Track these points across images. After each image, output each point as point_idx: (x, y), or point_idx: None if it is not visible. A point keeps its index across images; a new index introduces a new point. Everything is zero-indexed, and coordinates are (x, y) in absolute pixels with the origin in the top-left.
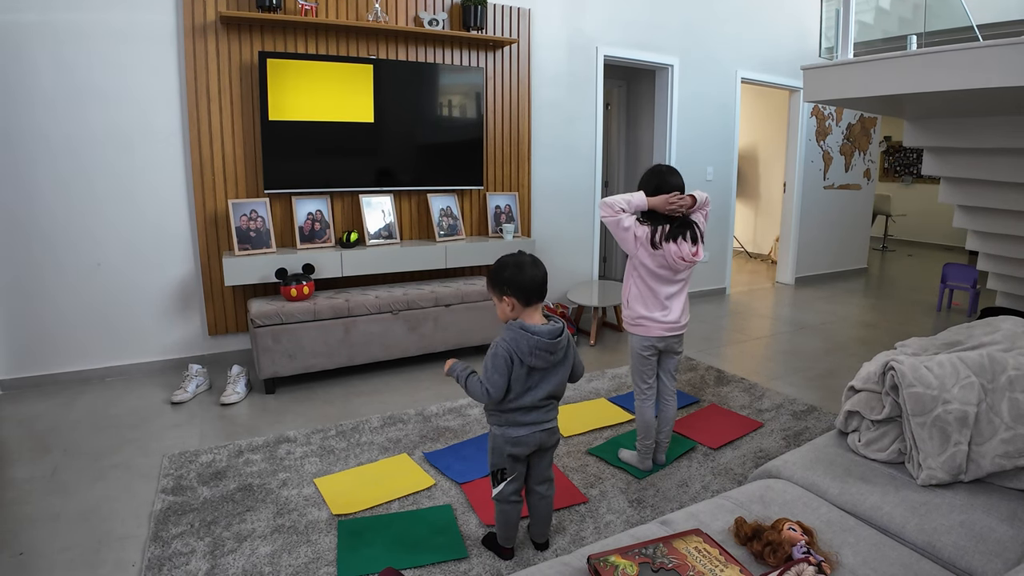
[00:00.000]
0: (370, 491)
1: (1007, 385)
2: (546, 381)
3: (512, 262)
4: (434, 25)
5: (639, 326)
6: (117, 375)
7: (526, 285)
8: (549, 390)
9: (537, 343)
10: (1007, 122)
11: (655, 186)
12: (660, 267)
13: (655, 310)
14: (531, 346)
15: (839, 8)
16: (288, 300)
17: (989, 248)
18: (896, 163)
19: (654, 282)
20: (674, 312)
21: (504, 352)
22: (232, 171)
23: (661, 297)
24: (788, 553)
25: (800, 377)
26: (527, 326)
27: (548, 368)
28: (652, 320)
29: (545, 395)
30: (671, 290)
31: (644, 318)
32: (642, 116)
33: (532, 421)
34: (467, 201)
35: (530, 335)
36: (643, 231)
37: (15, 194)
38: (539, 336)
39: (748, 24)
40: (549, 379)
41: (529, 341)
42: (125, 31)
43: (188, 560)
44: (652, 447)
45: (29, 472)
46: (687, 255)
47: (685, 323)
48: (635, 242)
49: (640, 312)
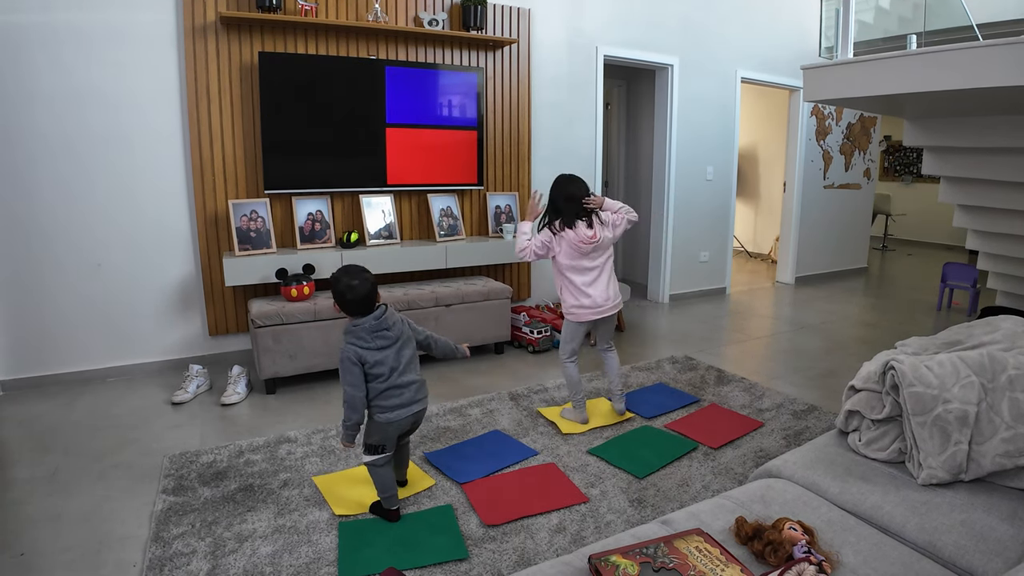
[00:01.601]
0: (371, 492)
1: (1007, 384)
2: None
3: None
4: (434, 25)
5: (572, 314)
6: (118, 375)
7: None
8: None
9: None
10: (1007, 122)
11: (566, 195)
12: (570, 258)
13: (581, 298)
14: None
15: (839, 8)
16: (288, 300)
17: (989, 247)
18: (896, 162)
19: (572, 274)
20: (596, 297)
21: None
22: (232, 171)
23: (580, 285)
24: (789, 552)
25: (800, 377)
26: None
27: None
28: (581, 307)
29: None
30: (587, 278)
31: (574, 307)
32: (642, 116)
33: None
34: (467, 201)
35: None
36: (546, 236)
37: (15, 194)
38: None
39: (748, 24)
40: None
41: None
42: (125, 31)
43: (189, 560)
44: (584, 400)
45: (30, 472)
46: (584, 237)
47: (614, 304)
48: (549, 251)
49: (570, 302)
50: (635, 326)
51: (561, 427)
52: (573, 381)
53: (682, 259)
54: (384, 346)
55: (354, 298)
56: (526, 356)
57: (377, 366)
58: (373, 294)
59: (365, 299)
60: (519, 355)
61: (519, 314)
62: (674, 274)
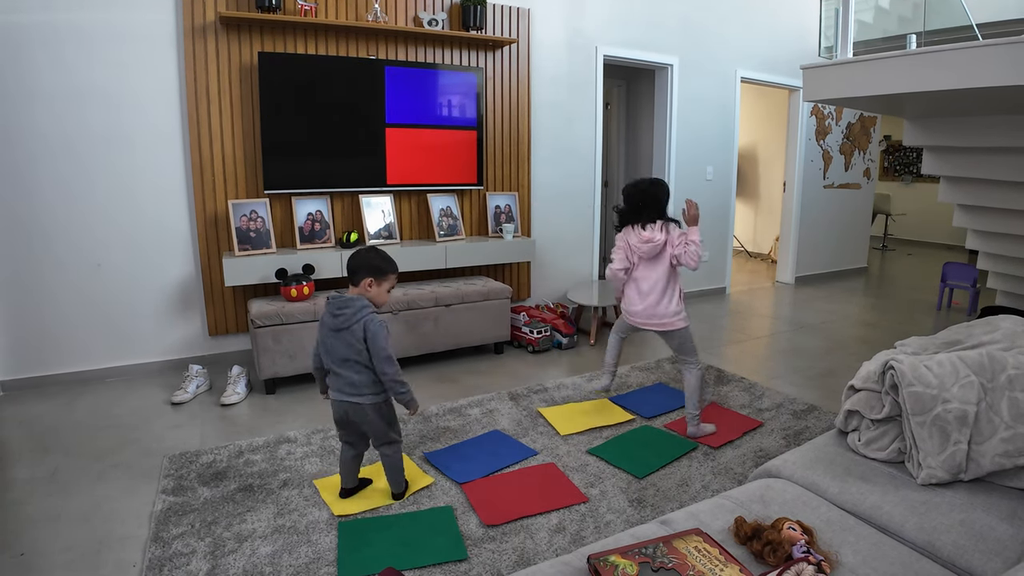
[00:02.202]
0: (370, 492)
1: (1007, 384)
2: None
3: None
4: (434, 25)
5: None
6: (117, 376)
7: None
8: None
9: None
10: (1007, 121)
11: (667, 199)
12: (633, 262)
13: (627, 297)
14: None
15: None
16: (288, 300)
17: (989, 247)
18: (896, 162)
19: (634, 273)
20: (635, 304)
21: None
22: (232, 171)
23: (631, 288)
24: (788, 552)
25: (800, 376)
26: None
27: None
28: (626, 311)
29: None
30: (641, 286)
31: (624, 311)
32: (642, 116)
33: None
34: (467, 201)
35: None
36: (623, 243)
37: (16, 194)
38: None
39: (748, 23)
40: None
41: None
42: (125, 31)
43: (189, 560)
44: (609, 371)
45: (30, 473)
46: (643, 236)
47: (651, 322)
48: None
49: (623, 305)
50: None
51: (560, 428)
52: (607, 348)
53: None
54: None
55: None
56: (526, 356)
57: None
58: (357, 270)
59: (349, 269)
60: (519, 355)
61: (519, 314)
62: None
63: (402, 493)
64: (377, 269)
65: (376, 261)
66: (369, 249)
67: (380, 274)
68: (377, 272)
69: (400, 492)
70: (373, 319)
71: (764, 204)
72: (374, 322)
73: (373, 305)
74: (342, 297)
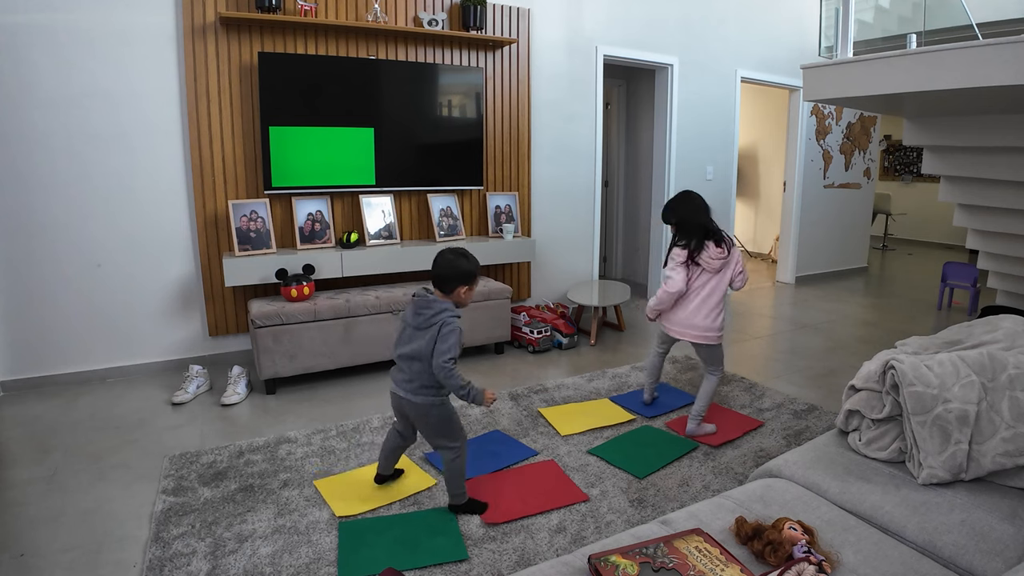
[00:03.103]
0: (371, 492)
1: (1007, 384)
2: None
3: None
4: (434, 25)
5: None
6: (118, 376)
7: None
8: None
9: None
10: (1007, 121)
11: (697, 211)
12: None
13: (675, 315)
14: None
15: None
16: (288, 301)
17: (989, 247)
18: (896, 162)
19: (691, 286)
20: (686, 314)
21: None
22: (232, 171)
23: (690, 303)
24: (789, 552)
25: (800, 376)
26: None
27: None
28: (671, 323)
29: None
30: (696, 300)
31: (669, 323)
32: (642, 116)
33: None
34: (467, 201)
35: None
36: (684, 258)
37: (16, 194)
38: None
39: (748, 23)
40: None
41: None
42: (125, 32)
43: (189, 561)
44: (651, 384)
45: (30, 473)
46: (715, 253)
47: (698, 331)
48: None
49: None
50: (635, 326)
51: (560, 428)
52: (646, 366)
53: None
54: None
55: (435, 270)
56: (526, 356)
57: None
58: (449, 279)
59: (439, 278)
60: (519, 355)
61: (519, 314)
62: None
63: (459, 507)
64: (470, 275)
65: (467, 267)
66: (456, 255)
67: (472, 279)
68: (470, 278)
69: (457, 505)
70: (451, 322)
71: (764, 204)
72: (449, 325)
73: (455, 307)
74: (426, 298)
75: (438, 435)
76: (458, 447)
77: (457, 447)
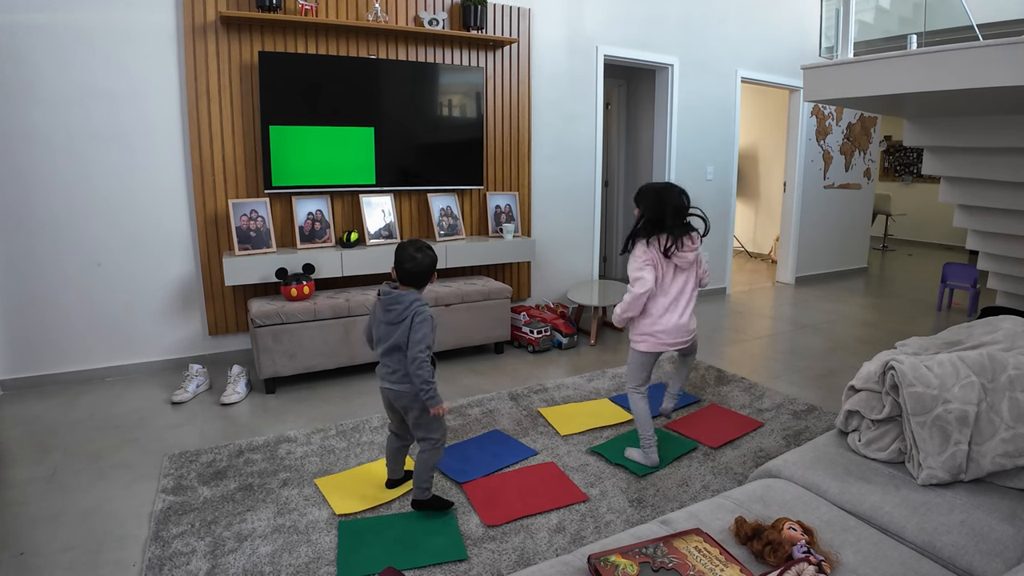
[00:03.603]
0: (371, 491)
1: (1007, 384)
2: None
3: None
4: (434, 25)
5: (642, 341)
6: (117, 375)
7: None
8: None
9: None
10: (1007, 122)
11: (675, 206)
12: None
13: (658, 323)
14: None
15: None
16: (288, 300)
17: (989, 247)
18: (896, 162)
19: (656, 295)
20: (674, 318)
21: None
22: (232, 171)
23: (669, 306)
24: (788, 552)
25: (800, 376)
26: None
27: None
28: (655, 333)
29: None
30: (673, 300)
31: (644, 334)
32: (642, 116)
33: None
34: (467, 201)
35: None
36: (651, 256)
37: (16, 193)
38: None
39: (748, 23)
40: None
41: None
42: (125, 31)
43: (189, 560)
44: (654, 440)
45: (30, 472)
46: (688, 246)
47: (687, 335)
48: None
49: (642, 329)
50: None
51: (560, 428)
52: (641, 417)
53: None
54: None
55: (407, 271)
56: (526, 356)
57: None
58: (423, 273)
59: (411, 275)
60: (519, 355)
61: (519, 314)
62: None
63: (424, 502)
64: (435, 265)
65: (433, 258)
66: (418, 249)
67: (436, 265)
68: (435, 268)
69: (421, 500)
70: (423, 310)
71: (764, 204)
72: (421, 315)
73: (422, 296)
74: (392, 294)
75: (420, 425)
76: (436, 440)
77: (435, 440)
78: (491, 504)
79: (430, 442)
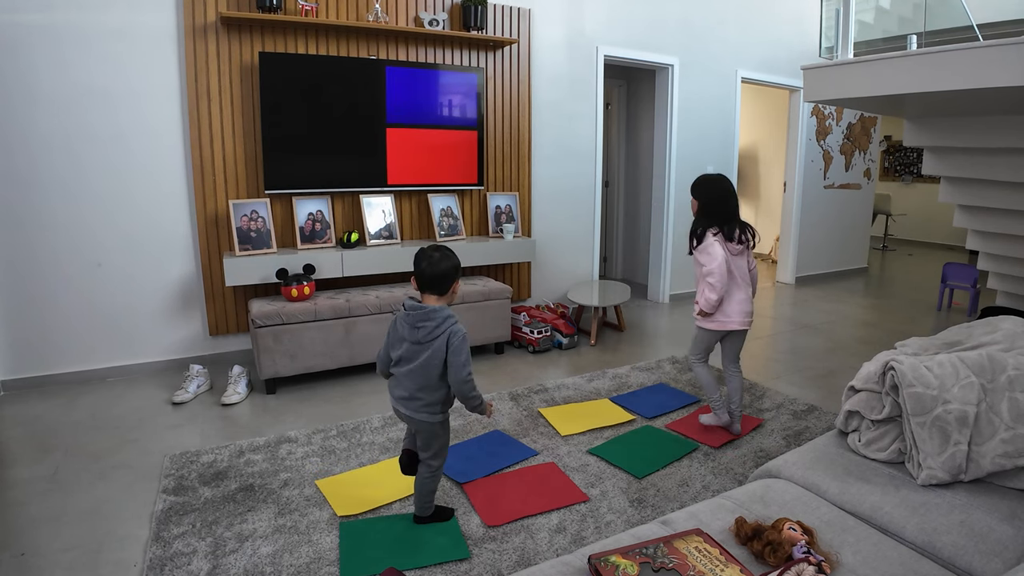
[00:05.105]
0: (372, 492)
1: (1007, 385)
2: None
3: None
4: (434, 25)
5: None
6: (118, 375)
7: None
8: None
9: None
10: (1007, 122)
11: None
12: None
13: (730, 305)
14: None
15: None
16: (289, 300)
17: (989, 247)
18: (896, 162)
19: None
20: (741, 300)
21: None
22: (232, 171)
23: (736, 290)
24: (788, 553)
25: (800, 377)
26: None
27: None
28: (727, 316)
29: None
30: (739, 283)
31: (724, 316)
32: (642, 116)
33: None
34: (467, 201)
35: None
36: (721, 250)
37: (16, 194)
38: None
39: (748, 24)
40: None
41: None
42: (125, 31)
43: (189, 560)
44: (722, 400)
45: (30, 472)
46: (733, 244)
47: (750, 316)
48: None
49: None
50: (635, 326)
51: (560, 428)
52: (706, 383)
53: (682, 259)
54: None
55: (423, 271)
56: (526, 356)
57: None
58: (445, 277)
59: (435, 279)
60: (519, 355)
61: (519, 314)
62: (674, 274)
63: (425, 519)
64: (459, 267)
65: (455, 260)
66: (439, 252)
67: (459, 272)
68: (459, 270)
69: (423, 517)
70: (458, 332)
71: (764, 204)
72: (458, 335)
73: (450, 310)
74: (421, 309)
75: (429, 449)
76: (438, 467)
77: (437, 466)
78: (492, 504)
79: (430, 468)
